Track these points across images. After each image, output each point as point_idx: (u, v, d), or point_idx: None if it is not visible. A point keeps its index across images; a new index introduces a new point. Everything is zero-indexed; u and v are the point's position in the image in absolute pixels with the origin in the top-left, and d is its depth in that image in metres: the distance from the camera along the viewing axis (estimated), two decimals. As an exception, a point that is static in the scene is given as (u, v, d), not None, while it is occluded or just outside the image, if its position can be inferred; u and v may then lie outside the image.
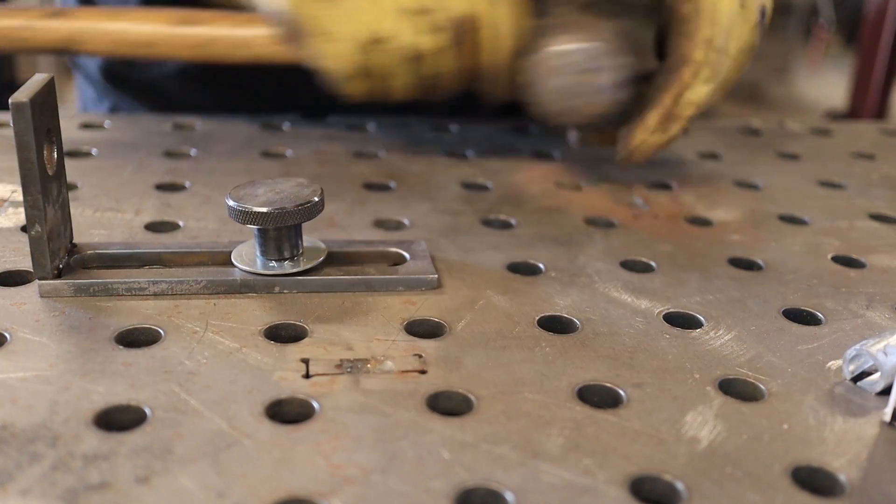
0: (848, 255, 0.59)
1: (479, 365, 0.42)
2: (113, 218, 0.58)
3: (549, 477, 0.35)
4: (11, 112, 0.42)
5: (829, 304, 0.51)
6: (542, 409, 0.39)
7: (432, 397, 0.40)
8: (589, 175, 0.72)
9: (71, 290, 0.47)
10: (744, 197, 0.69)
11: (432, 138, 0.80)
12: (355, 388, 0.40)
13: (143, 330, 0.44)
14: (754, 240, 0.61)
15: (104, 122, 0.80)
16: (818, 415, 0.40)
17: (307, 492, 0.33)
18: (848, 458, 0.37)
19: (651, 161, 0.77)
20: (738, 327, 0.48)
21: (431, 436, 0.37)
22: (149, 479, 0.33)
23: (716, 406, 0.40)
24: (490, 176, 0.71)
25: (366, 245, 0.53)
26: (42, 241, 0.45)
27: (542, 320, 0.47)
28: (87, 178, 0.64)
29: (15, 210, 0.58)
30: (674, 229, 0.62)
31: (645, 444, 0.37)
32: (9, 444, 0.35)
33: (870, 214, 0.67)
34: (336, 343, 0.44)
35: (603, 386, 0.41)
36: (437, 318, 0.47)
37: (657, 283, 0.53)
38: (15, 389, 0.38)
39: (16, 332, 0.43)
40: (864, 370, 0.43)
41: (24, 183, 0.44)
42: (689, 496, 0.34)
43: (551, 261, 0.55)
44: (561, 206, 0.65)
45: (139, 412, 0.37)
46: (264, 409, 0.38)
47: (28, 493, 0.32)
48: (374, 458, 0.35)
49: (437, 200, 0.65)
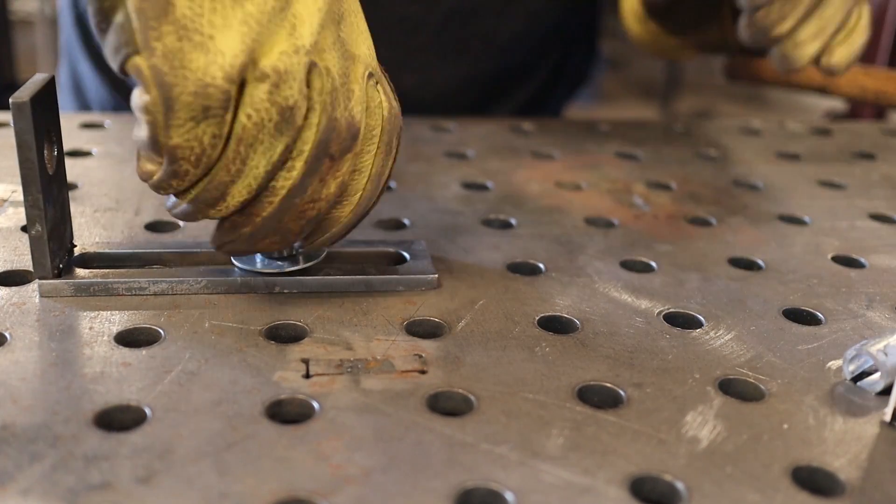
0: (848, 255, 0.59)
1: (479, 365, 0.42)
2: (113, 218, 0.58)
3: (549, 477, 0.35)
4: (12, 111, 0.42)
5: (829, 304, 0.51)
6: (542, 409, 0.39)
7: (432, 397, 0.40)
8: (589, 175, 0.72)
9: (71, 290, 0.47)
10: (744, 197, 0.69)
11: (432, 138, 0.80)
12: (355, 388, 0.40)
13: (143, 330, 0.44)
14: (754, 240, 0.61)
15: (104, 122, 0.80)
16: (818, 415, 0.40)
17: (307, 492, 0.33)
18: (848, 458, 0.37)
19: (651, 161, 0.77)
20: (738, 327, 0.48)
21: (431, 436, 0.37)
22: (149, 479, 0.33)
23: (716, 406, 0.40)
24: (490, 176, 0.71)
25: (366, 245, 0.53)
26: (42, 240, 0.45)
27: (542, 320, 0.47)
28: (87, 178, 0.64)
29: (15, 210, 0.58)
30: (674, 229, 0.62)
31: (645, 444, 0.37)
32: (9, 444, 0.35)
33: (870, 214, 0.67)
34: (336, 343, 0.44)
35: (603, 386, 0.41)
36: (437, 318, 0.47)
37: (657, 283, 0.53)
38: (15, 389, 0.38)
39: (16, 332, 0.43)
40: (864, 370, 0.43)
41: (25, 182, 0.44)
42: (689, 496, 0.34)
43: (551, 261, 0.55)
44: (561, 206, 0.65)
45: (139, 412, 0.37)
46: (264, 409, 0.38)
47: (28, 493, 0.32)
48: (374, 458, 0.35)
49: (437, 200, 0.65)
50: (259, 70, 0.38)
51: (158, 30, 0.36)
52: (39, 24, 3.19)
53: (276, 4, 0.38)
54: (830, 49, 0.69)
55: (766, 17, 0.66)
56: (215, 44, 0.37)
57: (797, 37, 0.67)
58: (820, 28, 0.67)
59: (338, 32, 0.41)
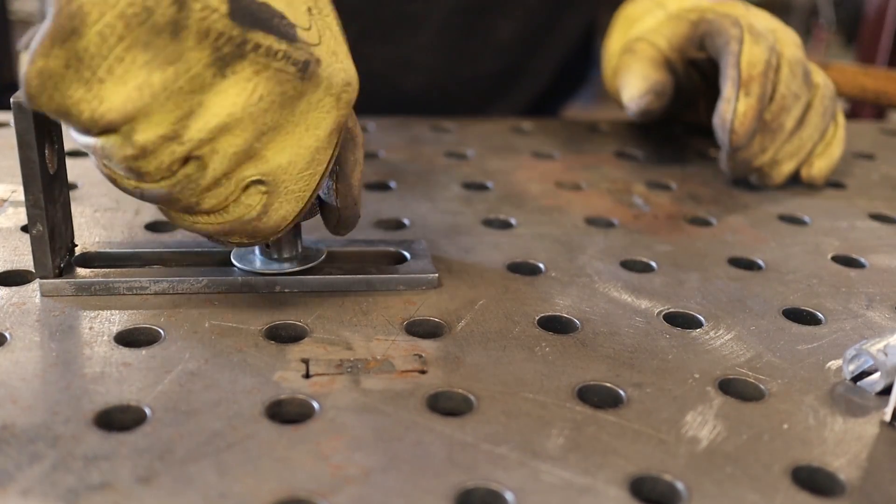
0: (848, 255, 0.59)
1: (479, 365, 0.42)
2: (113, 218, 0.58)
3: (549, 477, 0.35)
4: (13, 111, 0.42)
5: (829, 304, 0.51)
6: (542, 409, 0.39)
7: (432, 397, 0.40)
8: (589, 175, 0.72)
9: (72, 289, 0.47)
10: (744, 197, 0.69)
11: (432, 138, 0.80)
12: (355, 388, 0.40)
13: (144, 330, 0.44)
14: (754, 240, 0.61)
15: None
16: (818, 415, 0.40)
17: (307, 492, 0.33)
18: (848, 458, 0.37)
19: (651, 161, 0.77)
20: (738, 327, 0.48)
21: (431, 436, 0.37)
22: (149, 480, 0.33)
23: (716, 406, 0.40)
24: (490, 176, 0.71)
25: (366, 244, 0.53)
26: (43, 240, 0.45)
27: (542, 320, 0.47)
28: (88, 178, 0.64)
29: (15, 210, 0.58)
30: (674, 229, 0.62)
31: (645, 444, 0.37)
32: (9, 444, 0.35)
33: (870, 214, 0.67)
34: (336, 343, 0.44)
35: (603, 386, 0.41)
36: (437, 317, 0.47)
37: (657, 283, 0.53)
38: (15, 389, 0.38)
39: (16, 332, 0.43)
40: (864, 370, 0.43)
41: (26, 182, 0.44)
42: (689, 496, 0.34)
43: (551, 261, 0.55)
44: (561, 206, 0.65)
45: (139, 412, 0.37)
46: (264, 409, 0.38)
47: (28, 494, 0.32)
48: (374, 458, 0.35)
49: (437, 200, 0.65)
50: (128, 138, 0.38)
51: (49, 49, 0.35)
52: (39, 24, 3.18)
53: (185, 86, 0.37)
54: (810, 162, 0.71)
55: (747, 152, 0.69)
56: (102, 88, 0.36)
57: (774, 156, 0.70)
58: (798, 147, 0.70)
59: (251, 141, 0.40)
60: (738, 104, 0.66)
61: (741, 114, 0.66)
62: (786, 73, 0.68)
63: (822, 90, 0.70)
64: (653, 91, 0.72)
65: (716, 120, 0.68)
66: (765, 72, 0.66)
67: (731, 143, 0.67)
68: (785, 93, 0.67)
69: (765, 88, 0.66)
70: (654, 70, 0.74)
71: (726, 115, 0.66)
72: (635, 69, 0.74)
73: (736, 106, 0.66)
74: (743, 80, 0.66)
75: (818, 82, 0.70)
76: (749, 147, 0.68)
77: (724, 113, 0.67)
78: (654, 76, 0.73)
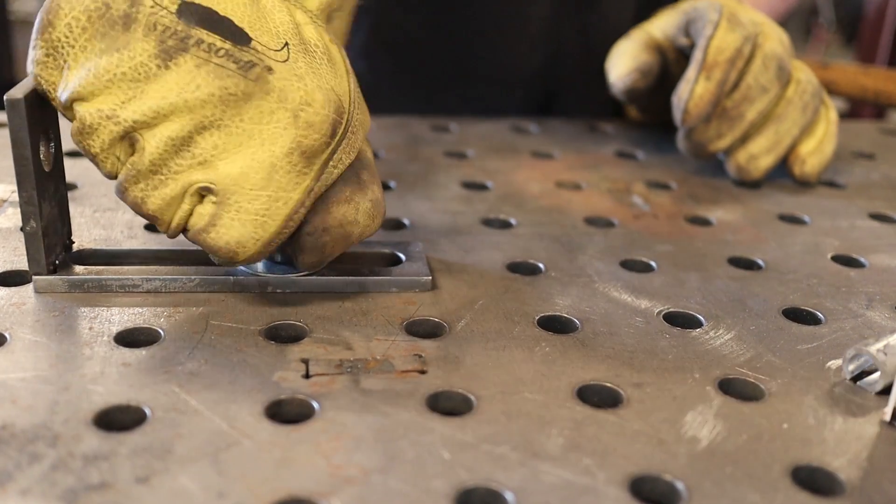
0: (848, 255, 0.59)
1: (479, 365, 0.42)
2: (112, 218, 0.58)
3: (549, 477, 0.35)
4: (6, 108, 0.42)
5: (829, 304, 0.51)
6: (542, 409, 0.39)
7: (432, 397, 0.40)
8: (589, 175, 0.72)
9: (65, 286, 0.47)
10: (744, 197, 0.69)
11: (432, 138, 0.80)
12: (355, 388, 0.40)
13: (143, 330, 0.44)
14: (754, 240, 0.61)
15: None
16: (818, 415, 0.40)
17: (307, 492, 0.33)
18: (848, 458, 0.37)
19: (651, 161, 0.77)
20: (738, 327, 0.48)
21: (431, 436, 0.37)
22: (149, 480, 0.33)
23: (716, 406, 0.40)
24: (490, 176, 0.71)
25: (362, 246, 0.53)
26: (37, 236, 0.45)
27: (541, 320, 0.47)
28: (87, 178, 0.64)
29: (15, 210, 0.58)
30: (674, 229, 0.62)
31: (645, 444, 0.37)
32: (9, 444, 0.35)
33: (870, 214, 0.67)
34: (336, 343, 0.44)
35: (603, 386, 0.41)
36: (437, 318, 0.47)
37: (657, 283, 0.53)
38: (15, 389, 0.38)
39: (16, 332, 0.43)
40: (864, 370, 0.43)
41: (19, 179, 0.44)
42: (689, 496, 0.34)
43: (551, 261, 0.55)
44: (561, 206, 0.65)
45: (139, 412, 0.37)
46: (264, 409, 0.38)
47: (28, 493, 0.32)
48: (374, 458, 0.35)
49: (436, 200, 0.65)
50: (74, 111, 0.42)
51: (37, 41, 0.42)
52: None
53: (129, 73, 0.41)
54: (803, 159, 0.72)
55: (702, 135, 0.71)
56: (69, 74, 0.42)
57: (751, 149, 0.71)
58: (775, 142, 0.71)
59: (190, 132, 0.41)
60: (696, 86, 0.68)
61: (697, 96, 0.68)
62: (758, 64, 0.69)
63: (804, 85, 0.71)
64: (638, 70, 0.75)
65: (673, 98, 0.70)
66: (731, 59, 0.68)
67: (682, 123, 0.69)
68: (752, 83, 0.69)
69: (727, 75, 0.68)
70: (642, 51, 0.76)
71: (683, 95, 0.69)
72: (625, 50, 0.77)
73: (694, 87, 0.68)
74: (707, 63, 0.68)
75: (799, 78, 0.71)
76: (704, 130, 0.70)
77: (681, 93, 0.69)
78: (642, 56, 0.75)
